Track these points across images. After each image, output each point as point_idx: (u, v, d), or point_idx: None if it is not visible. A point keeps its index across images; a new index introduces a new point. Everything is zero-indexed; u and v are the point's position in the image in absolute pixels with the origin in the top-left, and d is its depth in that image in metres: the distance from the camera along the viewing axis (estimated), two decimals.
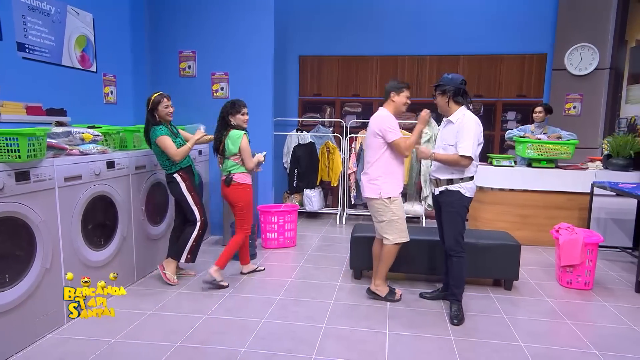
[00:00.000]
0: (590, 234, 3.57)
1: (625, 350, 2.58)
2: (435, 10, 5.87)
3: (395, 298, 3.22)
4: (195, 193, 3.39)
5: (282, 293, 3.34)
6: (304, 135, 5.90)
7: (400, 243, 3.12)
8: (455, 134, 2.85)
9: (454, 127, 2.87)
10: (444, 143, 2.93)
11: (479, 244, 3.43)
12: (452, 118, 2.90)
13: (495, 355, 2.51)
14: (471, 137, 2.78)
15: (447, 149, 2.89)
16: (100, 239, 3.11)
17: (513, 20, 5.74)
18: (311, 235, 5.08)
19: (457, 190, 2.88)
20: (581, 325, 2.91)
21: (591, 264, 3.49)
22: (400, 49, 6.01)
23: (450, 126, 2.91)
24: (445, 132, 2.96)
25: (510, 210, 4.74)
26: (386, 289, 3.24)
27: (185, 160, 3.38)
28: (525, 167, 4.79)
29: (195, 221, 3.40)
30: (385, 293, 3.22)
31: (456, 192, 2.89)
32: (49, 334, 2.63)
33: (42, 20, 3.42)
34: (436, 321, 2.92)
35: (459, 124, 2.84)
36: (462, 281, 2.99)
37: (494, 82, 5.91)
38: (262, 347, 2.53)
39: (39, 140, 2.47)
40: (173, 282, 3.42)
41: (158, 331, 2.71)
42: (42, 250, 2.55)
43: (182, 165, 3.35)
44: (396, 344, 2.61)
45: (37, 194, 2.51)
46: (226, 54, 4.69)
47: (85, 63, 3.93)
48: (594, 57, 5.40)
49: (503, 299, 3.30)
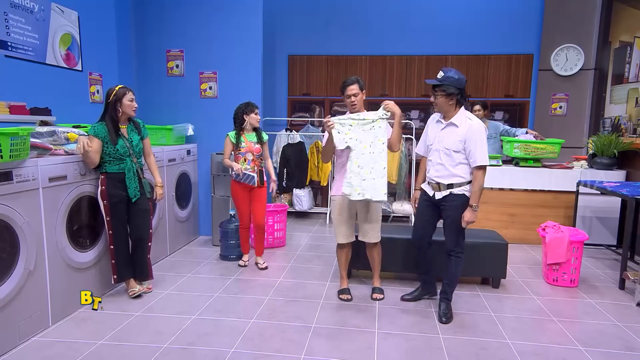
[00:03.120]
0: (576, 232, 3.62)
1: (609, 346, 2.62)
2: (424, 11, 5.89)
3: (342, 297, 3.25)
4: (107, 201, 2.99)
5: (271, 293, 3.33)
6: (294, 134, 5.89)
7: (338, 243, 3.23)
8: (461, 140, 2.75)
9: (460, 131, 2.76)
10: (445, 147, 2.79)
11: (467, 242, 3.42)
12: (455, 121, 2.78)
13: (483, 352, 2.52)
14: (485, 145, 2.75)
15: (452, 155, 2.79)
16: (86, 240, 3.06)
17: (500, 21, 5.79)
18: (301, 235, 5.07)
19: (463, 194, 2.82)
20: (567, 322, 2.95)
21: (577, 261, 3.53)
22: (388, 48, 6.03)
23: (454, 130, 2.79)
24: (446, 135, 2.81)
25: (498, 209, 4.79)
26: (341, 286, 3.35)
27: (115, 167, 3.00)
28: (512, 166, 4.83)
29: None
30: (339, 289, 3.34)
31: (462, 196, 2.82)
32: (33, 337, 2.58)
33: (25, 18, 3.35)
34: (425, 320, 2.93)
35: (469, 132, 2.73)
36: (456, 280, 3.00)
37: (482, 82, 5.96)
38: (251, 348, 2.52)
39: (22, 140, 2.42)
40: (132, 294, 3.16)
41: (145, 333, 2.68)
42: (26, 251, 2.50)
43: (109, 169, 2.99)
44: (385, 343, 2.61)
45: (20, 195, 2.46)
46: (215, 53, 4.65)
47: (70, 62, 3.86)
48: (579, 58, 5.47)
49: (491, 297, 3.33)
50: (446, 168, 2.83)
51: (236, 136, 3.77)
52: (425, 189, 3.00)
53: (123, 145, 3.01)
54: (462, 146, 2.77)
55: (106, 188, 2.99)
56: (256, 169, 3.77)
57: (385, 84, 6.11)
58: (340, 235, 3.21)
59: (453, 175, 2.82)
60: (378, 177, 2.89)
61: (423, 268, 3.18)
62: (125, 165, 3.02)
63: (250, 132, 3.82)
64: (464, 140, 2.75)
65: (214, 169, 4.45)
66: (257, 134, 3.83)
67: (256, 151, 3.78)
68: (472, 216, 2.79)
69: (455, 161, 2.80)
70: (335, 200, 3.18)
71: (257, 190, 3.83)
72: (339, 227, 3.20)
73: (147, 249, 3.26)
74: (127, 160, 3.02)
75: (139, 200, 3.11)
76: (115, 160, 3.00)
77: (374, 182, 2.89)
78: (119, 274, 3.13)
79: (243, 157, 3.76)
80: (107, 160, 2.99)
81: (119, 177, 3.01)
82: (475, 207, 2.78)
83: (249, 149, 3.75)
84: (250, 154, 3.76)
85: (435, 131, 2.91)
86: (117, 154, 2.98)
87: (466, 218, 2.79)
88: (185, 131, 4.53)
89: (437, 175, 2.87)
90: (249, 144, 3.76)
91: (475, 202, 2.78)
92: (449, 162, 2.82)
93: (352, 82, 3.09)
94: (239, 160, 3.76)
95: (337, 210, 3.19)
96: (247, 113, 3.76)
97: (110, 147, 2.96)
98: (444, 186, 2.85)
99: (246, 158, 3.76)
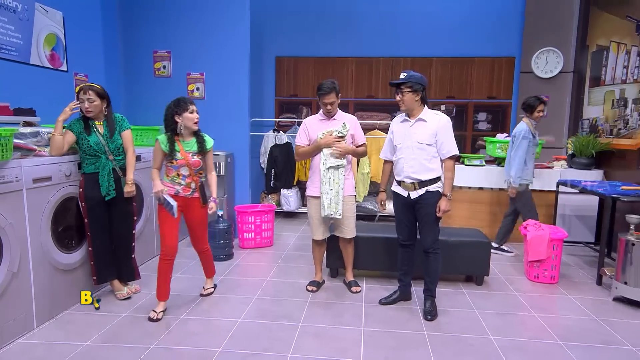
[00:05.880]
0: (556, 230, 3.68)
1: (588, 340, 2.67)
2: (409, 14, 5.94)
3: (308, 288, 3.38)
4: (85, 203, 2.95)
5: (258, 293, 3.32)
6: (281, 135, 5.88)
7: (314, 239, 3.37)
8: (432, 134, 2.83)
9: (429, 126, 2.84)
10: (418, 142, 2.85)
11: (452, 241, 3.48)
12: (423, 117, 2.87)
13: (467, 349, 2.55)
14: (453, 136, 2.86)
15: (425, 149, 2.84)
16: (71, 241, 3.01)
17: (483, 25, 5.87)
18: (288, 235, 5.06)
19: (437, 191, 2.87)
20: (547, 317, 3.00)
21: (557, 258, 3.60)
22: (375, 50, 6.06)
23: (423, 124, 2.87)
24: (417, 131, 2.87)
25: (481, 208, 4.85)
26: (313, 278, 3.50)
27: (92, 166, 2.94)
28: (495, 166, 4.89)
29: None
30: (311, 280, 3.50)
31: (437, 193, 2.87)
32: (17, 339, 2.53)
33: (7, 17, 3.28)
34: (410, 317, 2.95)
35: (437, 124, 2.83)
36: (438, 277, 3.02)
37: (466, 84, 6.02)
38: (239, 347, 2.50)
39: (4, 141, 2.37)
40: (121, 297, 3.14)
41: (133, 333, 2.64)
42: (9, 254, 2.45)
43: (86, 170, 2.94)
44: (371, 341, 2.62)
45: (3, 196, 2.41)
46: (202, 54, 4.62)
47: (55, 62, 3.80)
48: (558, 61, 5.57)
49: (474, 294, 3.37)
50: (421, 163, 2.86)
51: (169, 143, 2.83)
52: (398, 191, 3.00)
53: (97, 141, 2.93)
54: (434, 139, 2.84)
55: (84, 190, 2.95)
56: (194, 185, 2.93)
57: (372, 85, 6.13)
58: (316, 232, 3.31)
59: (428, 169, 2.86)
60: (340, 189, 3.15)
61: (405, 268, 3.17)
62: (100, 163, 2.95)
63: (188, 139, 2.89)
64: (435, 134, 2.83)
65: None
66: (199, 140, 2.91)
67: (195, 165, 2.87)
68: (448, 205, 2.85)
69: (430, 155, 2.86)
70: (310, 199, 3.29)
71: (197, 208, 3.00)
72: (315, 225, 3.30)
73: (130, 250, 3.21)
74: (102, 157, 2.95)
75: (119, 200, 3.04)
76: (91, 157, 2.93)
77: (338, 195, 3.13)
78: (99, 276, 3.08)
79: (176, 171, 2.86)
80: (84, 159, 2.95)
81: (95, 177, 2.95)
82: (449, 196, 2.86)
83: (185, 162, 2.84)
84: (187, 168, 2.86)
85: (403, 130, 2.95)
86: (90, 151, 2.91)
87: (442, 207, 2.84)
88: None
89: (413, 171, 2.88)
90: (186, 156, 2.83)
91: (449, 192, 2.86)
92: (423, 156, 2.86)
93: (329, 90, 3.12)
94: (170, 175, 2.90)
95: (312, 209, 3.27)
96: (178, 113, 2.81)
97: (84, 143, 2.90)
98: (419, 184, 2.88)
99: (180, 173, 2.87)
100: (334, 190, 3.12)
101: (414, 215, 2.98)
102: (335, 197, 3.12)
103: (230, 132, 4.66)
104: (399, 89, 2.86)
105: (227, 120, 4.65)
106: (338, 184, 3.13)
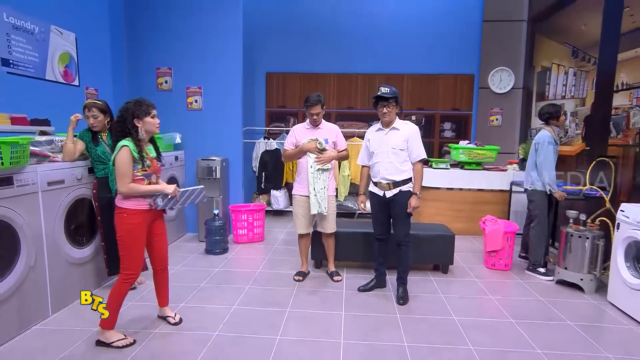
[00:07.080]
0: (510, 224, 3.78)
1: (535, 317, 2.77)
2: (384, 35, 6.02)
3: (295, 278, 3.36)
4: (98, 203, 2.97)
5: (251, 282, 3.33)
6: (271, 142, 5.89)
7: (299, 234, 3.39)
8: (404, 140, 2.91)
9: (401, 133, 2.92)
10: (392, 147, 2.91)
11: (421, 235, 3.55)
12: (397, 126, 2.94)
13: (434, 328, 2.62)
14: (421, 142, 2.95)
15: (399, 153, 2.92)
16: (82, 237, 2.98)
17: (448, 47, 5.99)
18: (277, 231, 5.07)
19: (409, 190, 2.94)
20: (502, 299, 3.09)
21: (510, 249, 3.70)
22: (354, 67, 6.12)
23: (396, 132, 2.94)
24: (391, 138, 2.93)
25: (447, 205, 4.94)
26: (299, 269, 3.50)
27: (102, 171, 2.95)
28: (459, 169, 5.00)
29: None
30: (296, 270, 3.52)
31: (408, 192, 2.93)
32: (34, 326, 2.51)
33: (26, 39, 3.24)
34: (385, 302, 3.00)
35: (408, 132, 2.91)
36: (409, 267, 3.08)
37: (433, 97, 6.13)
38: (233, 331, 2.52)
39: (22, 148, 2.35)
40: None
41: (137, 320, 2.64)
42: (27, 249, 2.43)
43: (97, 174, 2.97)
44: (350, 323, 2.67)
45: (20, 198, 2.39)
46: (200, 70, 4.61)
47: (68, 78, 3.75)
48: (510, 79, 5.74)
49: (440, 281, 3.44)
50: (395, 166, 2.93)
51: (138, 150, 2.27)
52: (375, 191, 3.05)
53: (104, 150, 2.96)
54: (406, 145, 2.91)
55: (97, 191, 2.97)
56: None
57: (351, 98, 6.20)
58: (300, 227, 3.34)
59: (401, 171, 2.93)
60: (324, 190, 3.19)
61: (380, 259, 3.22)
62: (109, 168, 2.97)
63: (147, 144, 2.40)
64: (407, 140, 2.91)
65: (199, 173, 4.41)
66: (154, 145, 2.45)
67: (159, 171, 2.46)
68: (417, 202, 2.92)
69: (402, 159, 2.93)
70: (296, 198, 3.32)
71: (159, 221, 2.47)
72: (299, 221, 3.33)
73: None
74: (109, 164, 2.96)
75: None
76: (100, 164, 2.96)
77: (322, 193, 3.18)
78: (111, 268, 3.08)
79: (148, 180, 2.33)
80: (95, 165, 2.97)
81: (105, 180, 2.97)
82: (419, 195, 2.92)
83: (154, 169, 2.37)
84: (155, 175, 2.41)
85: (379, 138, 3.01)
86: (99, 158, 2.95)
87: (412, 204, 2.90)
88: (174, 139, 4.48)
89: (388, 173, 2.94)
90: (153, 162, 2.38)
91: (419, 190, 2.93)
92: (397, 160, 2.93)
93: (315, 102, 3.17)
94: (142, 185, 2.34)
95: (297, 207, 3.30)
96: (139, 117, 2.26)
97: (93, 152, 2.94)
98: (393, 185, 2.94)
99: (151, 182, 2.37)
100: (323, 189, 3.16)
101: (389, 212, 3.03)
102: (323, 196, 3.16)
103: (225, 140, 4.67)
104: (385, 103, 2.90)
105: (223, 128, 4.66)
106: (324, 184, 3.18)
